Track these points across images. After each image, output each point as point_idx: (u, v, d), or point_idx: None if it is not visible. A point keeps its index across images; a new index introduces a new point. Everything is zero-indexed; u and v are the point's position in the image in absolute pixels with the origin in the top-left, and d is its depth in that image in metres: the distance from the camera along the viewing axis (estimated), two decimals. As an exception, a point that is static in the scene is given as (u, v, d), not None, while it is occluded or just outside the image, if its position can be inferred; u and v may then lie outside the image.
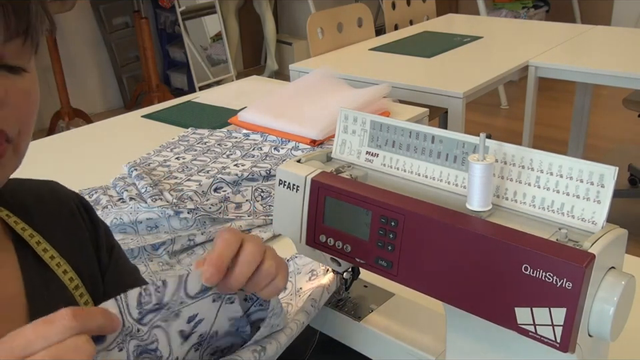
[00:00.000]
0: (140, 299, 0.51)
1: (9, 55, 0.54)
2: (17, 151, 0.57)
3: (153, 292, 0.52)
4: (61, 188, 0.75)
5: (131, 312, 0.51)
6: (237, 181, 1.26)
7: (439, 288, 0.60)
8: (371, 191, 0.66)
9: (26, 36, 0.54)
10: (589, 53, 2.43)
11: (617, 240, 0.56)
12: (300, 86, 1.74)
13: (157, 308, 0.53)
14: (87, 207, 0.76)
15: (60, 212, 0.72)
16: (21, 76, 0.56)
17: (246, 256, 0.56)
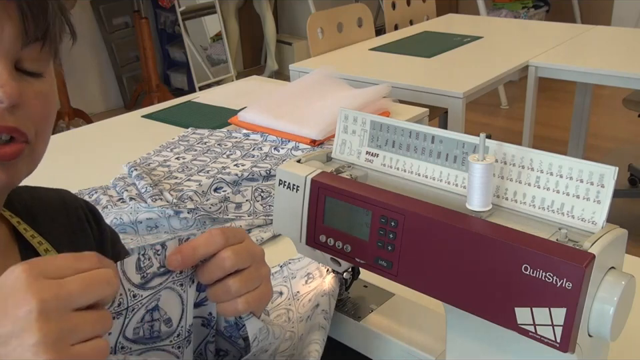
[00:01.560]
0: (139, 263, 0.51)
1: (27, 59, 0.55)
2: (33, 154, 0.58)
3: (152, 256, 0.51)
4: (70, 197, 0.76)
5: (129, 277, 0.50)
6: (237, 181, 1.26)
7: (439, 288, 0.60)
8: (371, 191, 0.66)
9: (44, 41, 0.55)
10: (589, 53, 2.43)
11: (616, 240, 0.56)
12: (300, 86, 1.74)
13: (164, 272, 0.52)
14: (96, 214, 0.77)
15: (68, 220, 0.72)
16: (39, 80, 0.57)
17: (218, 260, 0.53)
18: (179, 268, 0.52)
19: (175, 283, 0.53)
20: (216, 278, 0.54)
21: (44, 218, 0.69)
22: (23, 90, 0.54)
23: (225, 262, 0.53)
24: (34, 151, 0.58)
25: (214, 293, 0.55)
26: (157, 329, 0.54)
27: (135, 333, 0.53)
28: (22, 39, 0.53)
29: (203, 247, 0.53)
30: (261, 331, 0.58)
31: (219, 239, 0.53)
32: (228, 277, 0.54)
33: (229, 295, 0.54)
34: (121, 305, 0.50)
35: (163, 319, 0.54)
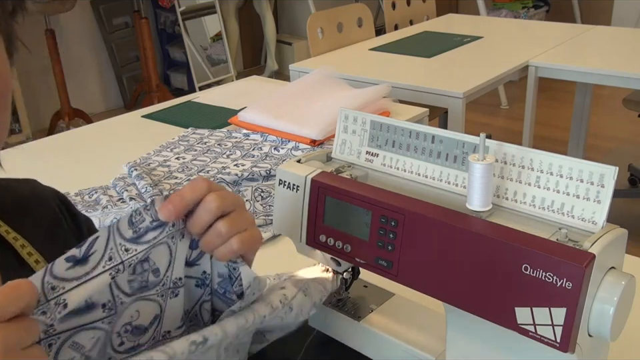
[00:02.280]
0: (131, 219, 0.52)
1: None
2: None
3: (142, 211, 0.52)
4: (39, 186, 0.73)
5: (121, 233, 0.51)
6: (237, 181, 1.26)
7: (439, 288, 0.60)
8: (371, 191, 0.66)
9: None
10: (589, 53, 2.43)
11: (616, 240, 0.56)
12: (300, 86, 1.74)
13: (157, 225, 0.53)
14: (67, 203, 0.74)
15: (40, 211, 0.70)
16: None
17: (204, 205, 0.54)
18: (171, 217, 0.53)
19: (167, 236, 0.54)
20: (205, 224, 0.55)
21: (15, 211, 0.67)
22: None
23: (212, 204, 0.54)
24: None
25: (206, 241, 0.56)
26: (146, 278, 0.55)
27: (131, 287, 0.54)
28: None
29: (189, 193, 0.54)
30: (255, 281, 0.58)
31: (202, 185, 0.54)
32: (217, 221, 0.55)
33: (221, 237, 0.55)
34: (112, 259, 0.50)
35: (152, 269, 0.55)
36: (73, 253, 0.49)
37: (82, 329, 0.52)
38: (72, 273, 0.49)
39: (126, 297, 0.54)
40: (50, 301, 0.48)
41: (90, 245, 0.50)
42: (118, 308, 0.54)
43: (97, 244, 0.50)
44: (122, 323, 0.55)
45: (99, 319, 0.53)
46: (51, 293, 0.48)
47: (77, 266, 0.49)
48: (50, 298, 0.48)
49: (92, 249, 0.50)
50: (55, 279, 0.48)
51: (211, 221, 0.55)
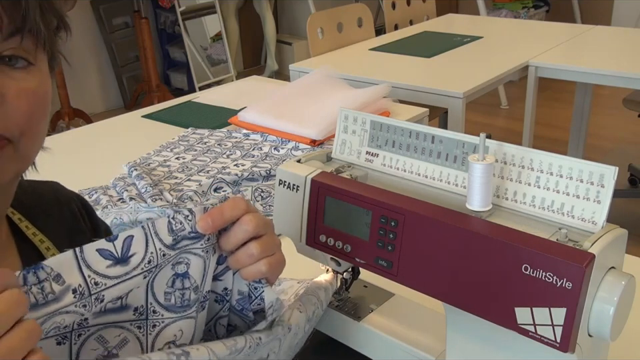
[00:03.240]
0: (170, 226, 0.53)
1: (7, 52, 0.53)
2: (18, 153, 0.56)
3: (183, 220, 0.53)
4: (61, 188, 0.75)
5: (161, 238, 0.52)
6: (237, 181, 1.26)
7: (439, 288, 0.60)
8: (371, 191, 0.66)
9: (22, 34, 0.53)
10: (589, 53, 2.43)
11: (616, 240, 0.56)
12: (300, 86, 1.74)
13: (193, 236, 0.54)
14: (88, 208, 0.76)
15: (61, 214, 0.72)
16: (25, 72, 0.54)
17: (241, 225, 0.56)
18: (209, 231, 0.54)
19: (202, 250, 0.55)
20: (240, 242, 0.56)
21: (40, 213, 0.68)
22: (3, 86, 0.52)
23: (249, 224, 0.56)
24: (18, 150, 0.55)
25: (237, 258, 0.57)
26: (188, 297, 0.56)
27: (167, 299, 0.55)
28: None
29: (229, 211, 0.55)
30: (277, 302, 0.60)
31: (241, 204, 0.56)
32: (249, 242, 0.57)
33: (252, 258, 0.57)
34: (151, 262, 0.52)
35: (193, 286, 0.56)
36: (106, 247, 0.50)
37: (110, 326, 0.53)
38: (113, 272, 0.50)
39: (160, 307, 0.55)
40: (92, 296, 0.49)
41: (127, 244, 0.51)
42: (149, 315, 0.55)
43: (135, 245, 0.51)
44: (164, 341, 0.56)
45: (127, 320, 0.54)
46: (94, 287, 0.49)
47: (118, 265, 0.50)
48: (92, 293, 0.49)
49: (130, 249, 0.51)
50: (97, 275, 0.49)
51: (244, 240, 0.56)
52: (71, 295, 0.47)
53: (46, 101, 0.58)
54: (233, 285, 0.61)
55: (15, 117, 0.54)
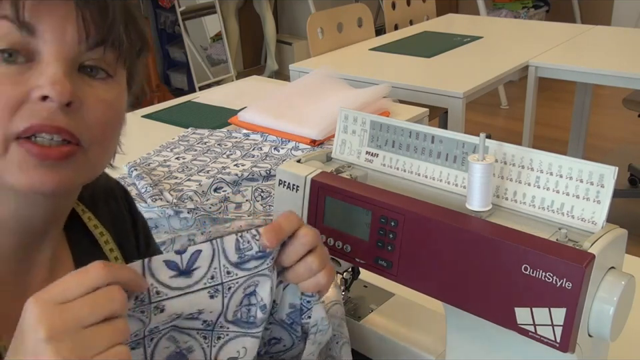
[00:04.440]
0: (238, 244, 0.54)
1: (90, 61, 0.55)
2: (87, 161, 0.56)
3: (250, 239, 0.54)
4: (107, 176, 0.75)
5: (227, 255, 0.53)
6: (237, 181, 1.26)
7: (439, 288, 0.60)
8: (370, 191, 0.66)
9: (105, 45, 0.55)
10: (589, 53, 2.43)
11: (616, 240, 0.56)
12: (300, 86, 1.74)
13: (261, 256, 0.55)
14: (129, 197, 0.77)
15: (109, 202, 0.73)
16: (104, 83, 0.56)
17: (300, 237, 0.57)
18: (273, 244, 0.55)
19: (268, 269, 0.56)
20: (299, 256, 0.58)
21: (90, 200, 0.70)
22: (82, 93, 0.54)
23: (307, 238, 0.57)
24: (88, 158, 0.56)
25: (297, 273, 0.58)
26: (254, 314, 0.57)
27: (235, 314, 0.56)
28: (84, 43, 0.54)
29: (286, 225, 0.57)
30: (323, 321, 0.60)
31: (296, 218, 0.58)
32: (307, 255, 0.58)
33: (312, 272, 0.58)
34: (214, 278, 0.53)
35: (260, 304, 0.57)
36: (173, 259, 0.51)
37: (179, 330, 0.54)
38: (175, 282, 0.51)
39: (226, 321, 0.56)
40: (152, 304, 0.50)
41: (193, 258, 0.52)
42: (215, 326, 0.56)
43: (201, 259, 0.52)
44: (227, 356, 0.57)
45: (195, 328, 0.55)
46: (155, 296, 0.50)
47: (181, 277, 0.51)
48: (153, 301, 0.50)
49: (195, 262, 0.52)
50: (159, 284, 0.50)
51: (303, 254, 0.58)
52: (132, 301, 0.49)
53: (120, 115, 0.59)
54: (283, 298, 0.61)
55: (90, 124, 0.55)
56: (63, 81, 0.52)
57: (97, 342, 0.43)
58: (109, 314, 0.45)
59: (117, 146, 0.62)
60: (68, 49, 0.53)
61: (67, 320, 0.43)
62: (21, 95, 0.52)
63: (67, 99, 0.52)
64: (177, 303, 0.51)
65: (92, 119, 0.55)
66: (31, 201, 0.58)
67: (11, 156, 0.53)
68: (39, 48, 0.53)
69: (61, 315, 0.43)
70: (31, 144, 0.52)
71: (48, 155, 0.53)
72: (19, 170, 0.53)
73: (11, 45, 0.52)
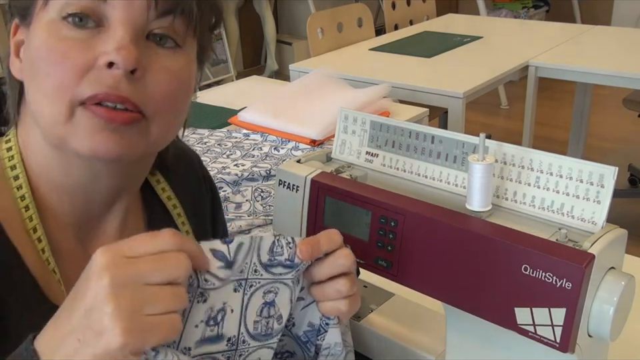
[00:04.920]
0: (273, 247, 0.53)
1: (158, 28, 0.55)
2: (148, 132, 0.56)
3: (284, 245, 0.53)
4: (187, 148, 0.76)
5: (260, 254, 0.52)
6: (237, 181, 1.26)
7: (439, 288, 0.60)
8: (370, 191, 0.66)
9: (174, 14, 0.55)
10: (589, 53, 2.43)
11: (616, 240, 0.56)
12: (300, 86, 1.74)
13: (288, 265, 0.54)
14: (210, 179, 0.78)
15: (188, 176, 0.74)
16: (172, 52, 0.56)
17: (338, 258, 0.56)
18: (307, 258, 0.54)
19: (291, 280, 0.55)
20: (332, 275, 0.56)
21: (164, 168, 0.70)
22: (147, 60, 0.54)
23: (345, 260, 0.56)
24: (149, 129, 0.56)
25: (324, 291, 0.57)
26: (271, 325, 0.56)
27: (255, 328, 0.55)
28: (153, 10, 0.54)
29: (326, 243, 0.55)
30: (336, 346, 0.59)
31: (337, 238, 0.56)
32: (339, 277, 0.56)
33: (339, 295, 0.57)
34: (242, 272, 0.52)
35: (276, 315, 0.56)
36: (220, 248, 0.50)
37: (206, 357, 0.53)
38: (221, 273, 0.50)
39: (248, 337, 0.55)
40: (199, 288, 0.49)
41: (237, 250, 0.51)
42: (239, 346, 0.55)
43: (241, 253, 0.51)
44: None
45: (221, 351, 0.54)
46: (204, 283, 0.50)
47: (226, 269, 0.51)
48: (200, 286, 0.49)
49: (238, 254, 0.51)
50: (208, 273, 0.50)
51: (335, 275, 0.56)
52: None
53: (186, 86, 0.59)
54: (304, 315, 0.60)
55: (153, 93, 0.55)
56: (129, 46, 0.52)
57: (155, 302, 0.43)
58: (172, 278, 0.45)
59: (183, 118, 0.61)
60: (136, 15, 0.53)
61: (132, 273, 0.43)
62: (89, 61, 0.52)
63: (132, 65, 0.52)
64: (217, 294, 0.51)
65: (155, 89, 0.55)
66: (96, 170, 0.58)
67: (77, 119, 0.53)
68: (107, 13, 0.53)
69: (127, 267, 0.43)
70: (97, 106, 0.53)
71: (114, 118, 0.53)
72: (84, 133, 0.53)
73: (81, 8, 0.52)
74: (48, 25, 0.53)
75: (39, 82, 0.54)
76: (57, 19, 0.53)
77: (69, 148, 0.54)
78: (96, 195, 0.61)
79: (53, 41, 0.53)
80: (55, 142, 0.56)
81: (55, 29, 0.53)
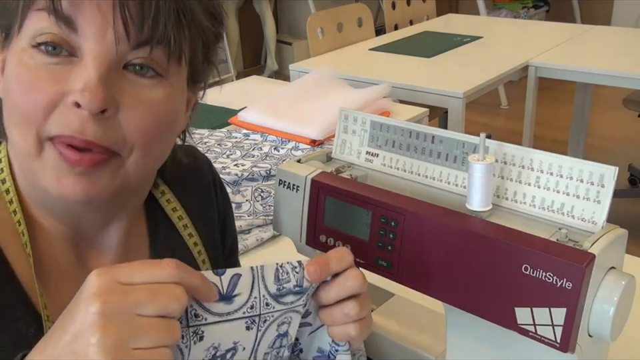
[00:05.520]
0: (277, 274, 0.50)
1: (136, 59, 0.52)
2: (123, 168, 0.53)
3: (290, 271, 0.51)
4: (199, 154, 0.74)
5: (267, 284, 0.50)
6: (237, 181, 1.26)
7: (439, 288, 0.60)
8: (370, 191, 0.66)
9: (151, 45, 0.51)
10: (589, 53, 2.43)
11: (617, 240, 0.56)
12: (300, 86, 1.74)
13: (298, 291, 0.51)
14: (221, 184, 0.76)
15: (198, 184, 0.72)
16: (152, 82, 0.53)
17: (347, 279, 0.54)
18: (316, 280, 0.52)
19: (302, 306, 0.53)
20: (340, 297, 0.54)
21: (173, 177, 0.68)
22: (122, 94, 0.51)
23: (354, 282, 0.54)
24: (124, 166, 0.53)
25: (332, 315, 0.55)
26: (282, 354, 0.54)
27: (265, 357, 0.53)
28: (125, 42, 0.50)
29: (336, 263, 0.53)
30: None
31: (348, 257, 0.54)
32: (347, 300, 0.54)
33: (347, 319, 0.54)
34: (253, 308, 0.49)
35: (288, 344, 0.54)
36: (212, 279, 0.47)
37: None
38: (216, 307, 0.48)
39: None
40: (190, 328, 0.47)
41: (233, 282, 0.48)
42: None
43: (241, 285, 0.49)
44: None
45: None
46: (193, 319, 0.47)
47: (222, 302, 0.48)
48: (191, 325, 0.47)
49: (236, 288, 0.48)
50: (199, 306, 0.47)
51: (344, 297, 0.54)
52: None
53: (168, 118, 0.55)
54: (312, 341, 0.58)
55: (129, 128, 0.52)
56: (95, 87, 0.49)
57: (145, 334, 0.42)
58: (166, 311, 0.43)
59: (167, 147, 0.59)
60: (107, 49, 0.50)
61: (123, 302, 0.42)
62: (57, 95, 0.50)
63: (98, 107, 0.49)
64: (216, 330, 0.48)
65: (131, 123, 0.52)
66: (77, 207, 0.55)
67: (46, 155, 0.51)
68: (80, 44, 0.50)
69: (119, 295, 0.42)
70: (64, 147, 0.50)
71: (79, 161, 0.51)
72: (51, 174, 0.51)
73: (52, 38, 0.50)
74: (19, 53, 0.51)
75: (10, 111, 0.52)
76: (28, 47, 0.51)
77: (39, 186, 0.53)
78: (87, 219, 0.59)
79: (22, 71, 0.51)
80: (28, 176, 0.54)
81: (25, 57, 0.51)
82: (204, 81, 0.63)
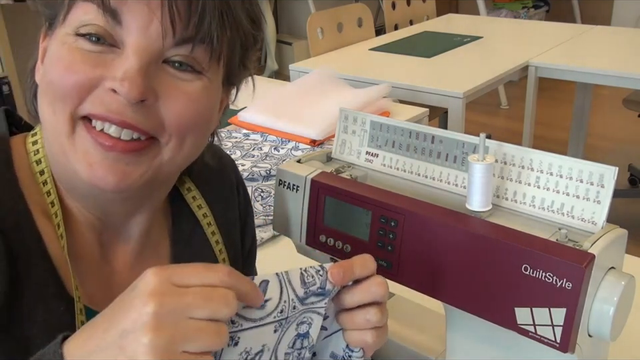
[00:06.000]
0: (303, 278, 0.51)
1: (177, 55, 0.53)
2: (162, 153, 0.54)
3: (314, 274, 0.52)
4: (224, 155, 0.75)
5: (294, 288, 0.50)
6: (237, 181, 1.26)
7: (439, 288, 0.60)
8: (370, 191, 0.66)
9: (193, 43, 0.52)
10: (589, 53, 2.43)
11: (616, 240, 0.56)
12: (300, 86, 1.74)
13: (320, 293, 0.52)
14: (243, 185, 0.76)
15: (222, 184, 0.72)
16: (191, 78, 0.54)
17: (371, 285, 0.54)
18: (339, 283, 0.52)
19: (323, 308, 0.53)
20: (363, 302, 0.54)
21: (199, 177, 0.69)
22: (161, 85, 0.52)
23: (378, 289, 0.54)
24: (163, 153, 0.54)
25: (352, 318, 0.55)
26: (303, 356, 0.54)
27: (285, 357, 0.53)
28: (170, 38, 0.52)
29: (359, 268, 0.53)
30: None
31: (371, 264, 0.54)
32: (369, 306, 0.54)
33: (367, 325, 0.54)
34: (283, 312, 0.50)
35: (309, 346, 0.54)
36: None
37: None
38: (249, 313, 0.48)
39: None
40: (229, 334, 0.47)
41: (262, 288, 0.49)
42: None
43: (270, 290, 0.49)
44: None
45: None
46: (230, 326, 0.47)
47: (256, 308, 0.48)
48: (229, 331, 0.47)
49: (266, 293, 0.49)
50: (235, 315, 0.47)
51: (366, 302, 0.54)
52: None
53: (205, 112, 0.56)
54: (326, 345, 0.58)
55: (168, 117, 0.53)
56: (135, 78, 0.50)
57: (195, 338, 0.42)
58: (217, 315, 0.43)
59: (203, 141, 0.59)
60: (150, 43, 0.51)
61: (178, 304, 0.42)
62: (96, 79, 0.51)
63: (135, 97, 0.50)
64: (249, 335, 0.49)
65: (171, 111, 0.53)
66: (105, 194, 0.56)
67: (78, 139, 0.52)
68: (123, 37, 0.51)
69: (174, 297, 0.42)
70: (98, 132, 0.51)
71: (113, 147, 0.51)
72: (83, 159, 0.52)
73: (96, 30, 0.51)
74: (63, 37, 0.53)
75: (46, 89, 0.53)
76: (72, 34, 0.52)
77: (70, 167, 0.53)
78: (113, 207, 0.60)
79: (63, 52, 0.52)
80: (59, 157, 0.55)
81: (69, 41, 0.52)
82: (237, 85, 0.63)
